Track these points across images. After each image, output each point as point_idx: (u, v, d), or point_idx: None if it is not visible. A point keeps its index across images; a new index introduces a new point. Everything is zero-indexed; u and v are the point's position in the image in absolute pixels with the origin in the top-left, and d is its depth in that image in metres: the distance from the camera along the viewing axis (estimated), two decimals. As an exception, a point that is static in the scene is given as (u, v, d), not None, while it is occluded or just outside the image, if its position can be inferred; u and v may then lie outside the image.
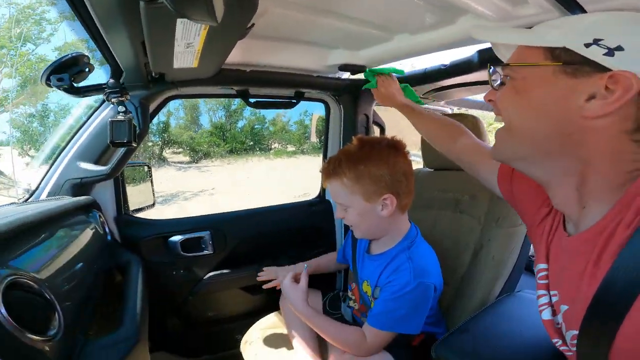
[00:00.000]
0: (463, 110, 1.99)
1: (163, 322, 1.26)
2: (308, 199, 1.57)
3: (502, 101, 0.49)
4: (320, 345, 0.97)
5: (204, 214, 1.32)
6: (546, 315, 0.52)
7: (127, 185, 1.22)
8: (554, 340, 0.51)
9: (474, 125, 1.09)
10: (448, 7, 0.69)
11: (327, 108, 1.45)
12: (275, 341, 1.05)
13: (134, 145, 0.78)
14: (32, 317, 0.49)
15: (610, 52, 0.39)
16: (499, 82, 0.51)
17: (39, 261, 0.61)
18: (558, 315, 0.50)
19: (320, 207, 1.49)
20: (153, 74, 0.83)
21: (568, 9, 0.56)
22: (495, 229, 0.93)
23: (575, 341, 0.45)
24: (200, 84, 0.98)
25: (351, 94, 1.35)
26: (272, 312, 1.16)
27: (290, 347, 1.00)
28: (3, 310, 0.43)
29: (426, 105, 1.87)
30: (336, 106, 1.42)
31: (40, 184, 1.01)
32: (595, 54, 0.39)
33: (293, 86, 1.21)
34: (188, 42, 0.60)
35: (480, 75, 1.06)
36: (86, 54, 0.70)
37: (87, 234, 0.88)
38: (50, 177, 1.00)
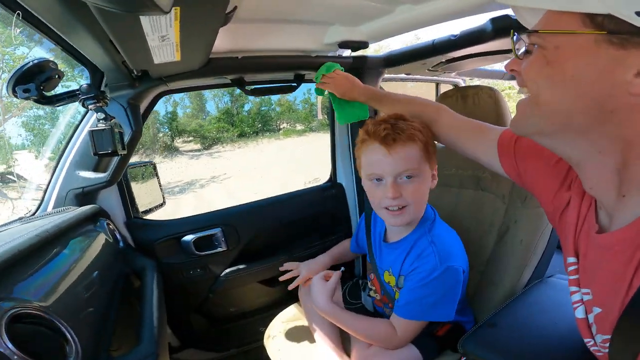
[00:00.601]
0: (476, 82, 1.87)
1: (188, 321, 1.28)
2: (319, 184, 1.52)
3: (528, 72, 0.42)
4: (342, 338, 0.96)
5: (216, 207, 1.31)
6: (579, 313, 0.48)
7: (134, 186, 1.20)
8: (586, 340, 0.48)
9: (492, 97, 1.01)
10: None
11: (332, 88, 1.36)
12: (297, 334, 1.04)
13: (120, 154, 0.73)
14: (46, 349, 0.48)
15: None
16: (523, 50, 0.44)
17: (45, 286, 0.58)
18: (590, 315, 0.46)
19: (332, 192, 1.44)
20: (136, 72, 0.77)
21: None
22: (522, 209, 0.86)
23: (607, 344, 0.42)
24: (190, 77, 0.92)
25: (355, 71, 1.25)
26: (292, 303, 1.15)
27: (312, 340, 0.99)
28: (10, 345, 0.41)
29: (437, 77, 1.76)
30: (341, 85, 1.33)
31: (44, 196, 1.00)
32: None
33: (291, 69, 1.14)
34: (162, 35, 0.55)
35: (494, 44, 0.98)
36: (51, 59, 0.63)
37: (96, 245, 0.86)
38: (53, 188, 0.99)
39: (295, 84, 1.20)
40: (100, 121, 0.69)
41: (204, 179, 8.22)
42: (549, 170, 0.55)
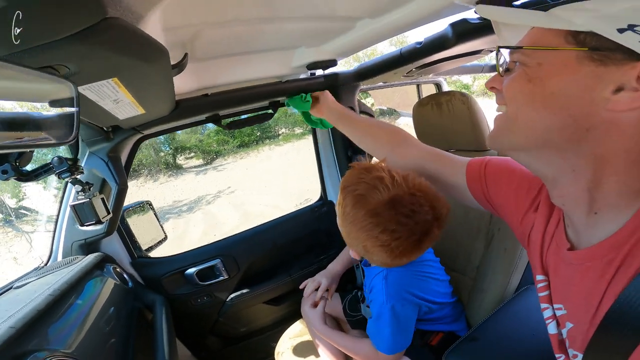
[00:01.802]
0: (455, 79, 1.87)
1: (204, 342, 1.35)
2: (310, 204, 1.56)
3: (509, 89, 0.43)
4: (344, 353, 1.00)
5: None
6: (552, 329, 0.49)
7: (134, 227, 1.25)
8: (558, 356, 0.49)
9: (465, 103, 1.03)
10: None
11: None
12: (303, 349, 1.10)
13: (105, 220, 0.77)
14: None
15: None
16: (505, 68, 0.44)
17: (68, 334, 0.66)
18: (563, 329, 0.47)
19: (324, 210, 1.47)
20: (106, 128, 0.79)
21: None
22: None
23: (577, 359, 0.43)
24: (163, 122, 0.93)
25: (330, 89, 1.28)
26: (298, 319, 1.21)
27: (317, 354, 1.04)
28: None
29: (417, 80, 1.77)
30: (318, 104, 1.35)
31: (52, 247, 1.07)
32: (631, 41, 0.34)
33: (265, 98, 1.14)
34: (114, 99, 0.56)
35: (459, 48, 0.98)
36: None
37: (106, 290, 0.93)
38: (58, 240, 1.05)
39: (271, 111, 1.22)
40: (79, 193, 0.72)
41: (210, 194, 8.29)
42: (518, 193, 0.55)
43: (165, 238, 1.36)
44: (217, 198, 8.02)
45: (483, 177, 0.61)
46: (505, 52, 0.45)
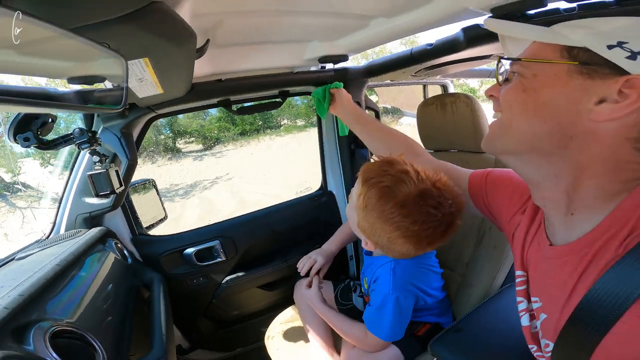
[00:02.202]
0: (461, 82, 1.89)
1: (196, 325, 1.38)
2: (311, 192, 1.59)
3: (506, 97, 0.46)
4: (334, 338, 1.04)
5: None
6: (525, 321, 0.53)
7: (136, 204, 1.28)
8: (530, 346, 0.52)
9: (468, 106, 1.05)
10: None
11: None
12: (293, 334, 1.13)
13: (118, 192, 0.80)
14: (79, 358, 0.58)
15: (633, 56, 0.37)
16: (505, 77, 0.48)
17: (71, 305, 0.68)
18: (537, 321, 0.51)
19: (323, 200, 1.50)
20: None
21: None
22: (494, 215, 0.92)
23: (548, 349, 0.46)
24: (177, 103, 0.97)
25: (339, 83, 1.31)
26: (289, 305, 1.24)
27: (307, 339, 1.08)
28: (56, 356, 0.50)
29: (424, 80, 1.79)
30: (325, 98, 1.38)
31: (55, 220, 1.09)
32: (617, 57, 0.37)
33: (275, 87, 1.17)
34: (139, 78, 0.59)
35: (469, 52, 1.00)
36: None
37: (107, 264, 0.96)
38: (62, 213, 1.07)
39: (280, 100, 1.24)
40: (97, 164, 0.75)
41: (208, 179, 8.28)
42: (512, 197, 0.60)
43: (166, 217, 1.38)
44: (214, 184, 8.02)
45: (484, 186, 0.65)
46: (506, 63, 0.48)
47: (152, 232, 1.32)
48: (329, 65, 1.21)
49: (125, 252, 1.14)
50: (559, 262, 0.46)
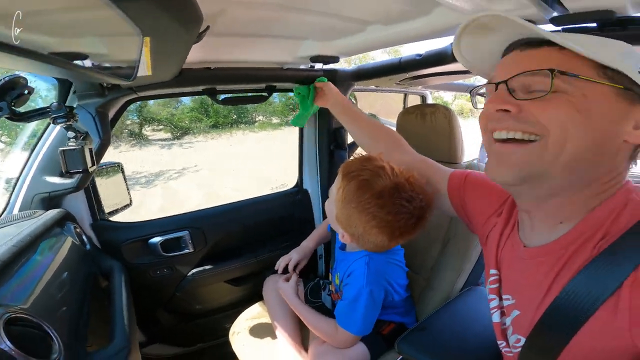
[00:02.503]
0: (440, 94, 1.99)
1: (155, 317, 1.32)
2: (286, 189, 1.58)
3: (556, 117, 0.40)
4: (302, 335, 1.04)
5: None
6: (495, 317, 0.56)
7: (100, 187, 1.20)
8: (499, 342, 0.55)
9: (446, 117, 1.10)
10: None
11: (302, 98, 1.42)
12: (260, 331, 1.11)
13: (91, 171, 0.75)
14: (35, 347, 0.53)
15: None
16: (540, 90, 0.41)
17: (25, 291, 0.63)
18: (507, 318, 0.53)
19: (298, 197, 1.50)
20: (106, 83, 0.78)
21: (549, 2, 0.55)
22: (461, 223, 0.97)
23: (519, 344, 0.49)
24: (161, 87, 0.94)
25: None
26: (256, 301, 1.22)
27: (274, 336, 1.07)
28: (10, 344, 0.46)
29: (405, 89, 1.86)
30: (310, 96, 1.38)
31: (9, 199, 0.99)
32: None
33: (263, 81, 1.17)
34: None
35: (454, 66, 1.05)
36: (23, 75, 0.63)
37: (65, 249, 0.89)
38: (19, 191, 0.98)
39: (266, 94, 1.23)
40: (71, 140, 0.70)
41: (174, 169, 7.93)
42: (489, 200, 0.62)
43: (130, 204, 1.31)
44: (180, 175, 7.69)
45: (462, 187, 0.68)
46: (521, 76, 0.42)
47: (113, 219, 1.25)
48: (319, 65, 1.22)
49: (84, 237, 1.06)
50: (535, 262, 0.48)
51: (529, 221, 0.51)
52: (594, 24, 0.62)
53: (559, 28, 0.68)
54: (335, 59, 1.11)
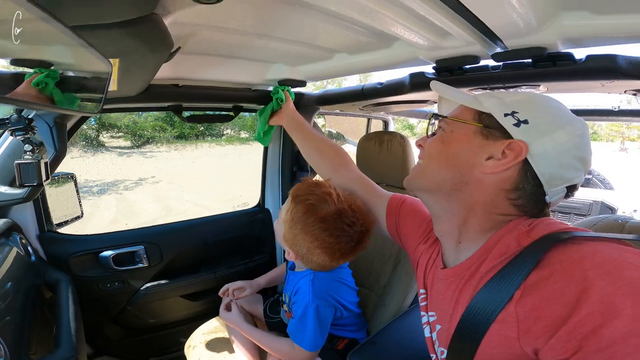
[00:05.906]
0: (402, 119, 2.11)
1: (102, 330, 1.25)
2: (247, 208, 1.60)
3: (429, 148, 0.57)
4: (260, 350, 1.04)
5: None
6: (426, 332, 0.63)
7: (50, 197, 1.14)
8: (431, 355, 0.61)
9: (401, 145, 1.20)
10: (382, 34, 0.74)
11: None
12: (217, 345, 1.10)
13: (45, 185, 0.73)
14: None
15: (518, 124, 0.47)
16: (432, 132, 0.59)
17: None
18: (434, 332, 0.60)
19: (259, 217, 1.52)
20: None
21: (491, 40, 0.64)
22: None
23: (443, 355, 0.55)
24: (126, 102, 0.93)
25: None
26: (213, 316, 1.20)
27: (231, 350, 1.06)
28: None
29: (368, 114, 1.98)
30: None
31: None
32: (507, 123, 0.48)
33: (230, 100, 1.19)
34: None
35: (412, 95, 1.14)
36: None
37: (9, 259, 0.85)
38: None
39: (232, 114, 1.26)
40: (27, 152, 0.69)
41: (130, 180, 7.48)
42: (419, 228, 0.71)
43: (81, 215, 1.25)
44: (137, 185, 7.28)
45: (398, 212, 0.76)
46: (437, 120, 0.59)
47: (61, 230, 1.18)
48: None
49: (30, 248, 1.01)
50: (447, 282, 0.56)
51: (444, 245, 0.61)
52: (529, 60, 0.73)
53: (500, 63, 0.78)
54: (302, 83, 1.17)
